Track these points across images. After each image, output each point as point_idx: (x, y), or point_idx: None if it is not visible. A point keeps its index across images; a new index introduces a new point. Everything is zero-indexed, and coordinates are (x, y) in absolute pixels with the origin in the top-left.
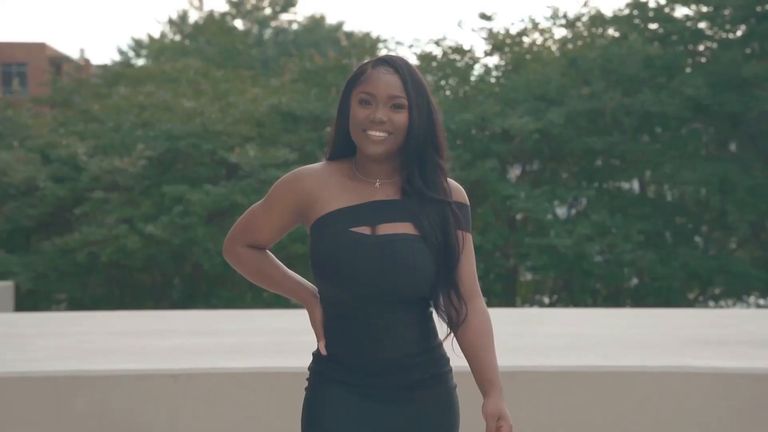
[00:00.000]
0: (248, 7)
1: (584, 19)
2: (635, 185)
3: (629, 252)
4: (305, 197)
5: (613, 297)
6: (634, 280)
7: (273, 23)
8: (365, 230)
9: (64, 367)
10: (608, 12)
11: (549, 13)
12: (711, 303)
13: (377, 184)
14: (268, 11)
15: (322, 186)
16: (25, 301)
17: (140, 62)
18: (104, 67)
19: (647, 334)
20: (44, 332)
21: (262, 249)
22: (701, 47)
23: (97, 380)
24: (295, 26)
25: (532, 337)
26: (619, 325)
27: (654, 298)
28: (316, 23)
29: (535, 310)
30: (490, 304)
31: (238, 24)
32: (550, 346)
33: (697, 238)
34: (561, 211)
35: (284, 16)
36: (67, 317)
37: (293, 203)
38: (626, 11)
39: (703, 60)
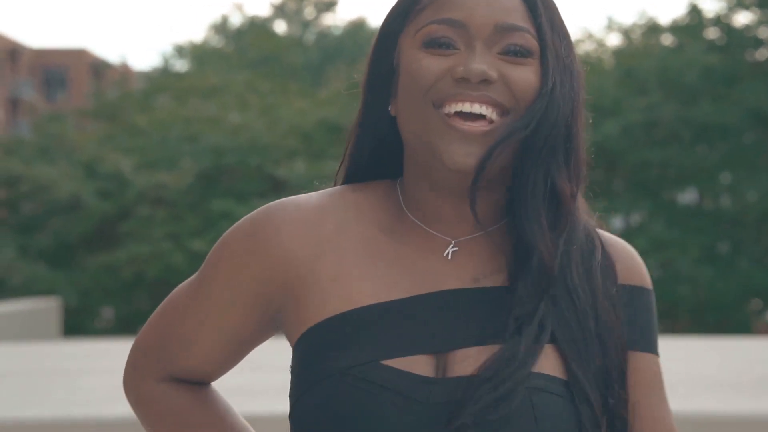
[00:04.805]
0: (289, 11)
1: (639, 29)
2: (691, 197)
3: (688, 267)
4: (284, 276)
5: (671, 312)
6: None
7: (315, 26)
8: (423, 366)
9: (112, 410)
10: (664, 20)
11: (603, 22)
12: None
13: (451, 249)
14: (309, 13)
15: (325, 246)
16: (71, 318)
17: (182, 66)
18: (146, 74)
19: (720, 369)
20: (93, 367)
21: (199, 384)
22: (763, 54)
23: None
24: (337, 32)
25: None
26: (691, 359)
27: (713, 314)
28: (357, 27)
29: None
30: None
31: (281, 26)
32: None
33: (758, 251)
34: (614, 225)
35: (326, 20)
36: (116, 349)
37: (257, 288)
38: (685, 20)
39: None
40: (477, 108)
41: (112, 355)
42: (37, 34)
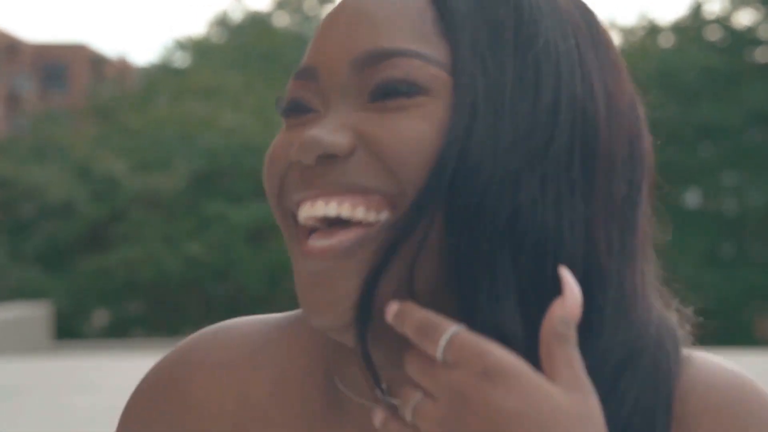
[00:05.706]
0: (290, 5)
1: (642, 30)
2: (692, 200)
3: (690, 272)
4: None
5: None
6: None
7: (316, 20)
8: None
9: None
10: (664, 22)
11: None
12: None
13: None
14: (310, 8)
15: (251, 421)
16: (64, 322)
17: (183, 61)
18: (145, 70)
19: None
20: (82, 384)
21: None
22: (764, 54)
23: None
24: None
25: None
26: None
27: (716, 319)
28: None
29: None
30: None
31: (282, 20)
32: None
33: (762, 253)
34: None
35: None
36: (107, 366)
37: None
38: (686, 21)
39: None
40: (321, 208)
41: (103, 372)
42: (37, 29)
